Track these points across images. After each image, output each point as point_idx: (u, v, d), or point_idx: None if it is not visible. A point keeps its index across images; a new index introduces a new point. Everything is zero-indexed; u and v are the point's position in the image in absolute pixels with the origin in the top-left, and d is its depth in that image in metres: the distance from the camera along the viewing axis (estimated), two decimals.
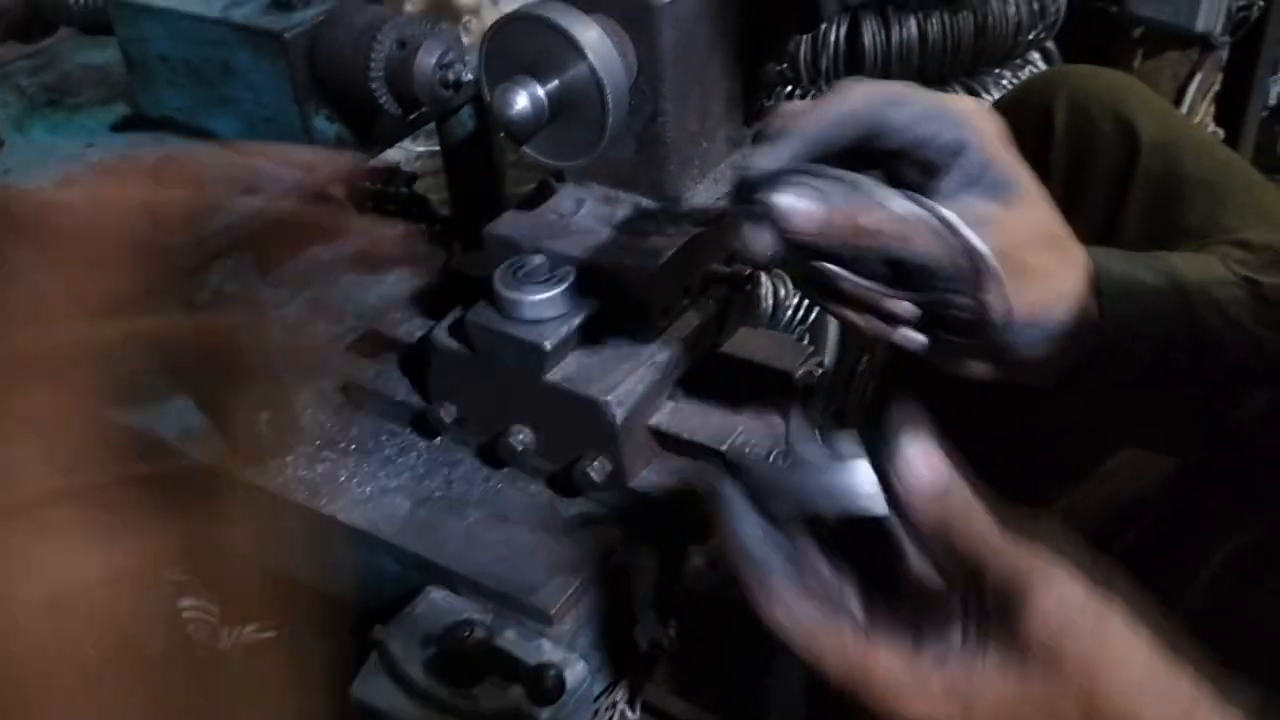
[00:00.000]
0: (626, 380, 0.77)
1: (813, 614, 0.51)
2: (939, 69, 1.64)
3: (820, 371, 0.84)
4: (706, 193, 0.83)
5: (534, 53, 0.73)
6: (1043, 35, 1.74)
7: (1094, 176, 0.94)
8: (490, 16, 1.96)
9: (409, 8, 1.76)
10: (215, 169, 0.48)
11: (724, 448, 0.77)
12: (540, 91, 0.71)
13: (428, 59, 0.77)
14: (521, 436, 0.81)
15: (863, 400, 1.44)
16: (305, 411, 0.92)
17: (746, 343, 0.86)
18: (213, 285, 0.71)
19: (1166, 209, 0.89)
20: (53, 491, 0.39)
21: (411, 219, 1.15)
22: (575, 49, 0.72)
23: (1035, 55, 1.79)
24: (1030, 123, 0.95)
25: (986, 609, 0.49)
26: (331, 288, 1.08)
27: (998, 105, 1.05)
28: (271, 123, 0.82)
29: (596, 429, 0.77)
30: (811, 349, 0.85)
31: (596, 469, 0.78)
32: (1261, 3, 1.94)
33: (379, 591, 0.85)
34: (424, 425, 0.89)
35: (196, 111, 0.86)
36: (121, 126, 0.91)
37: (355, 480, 0.86)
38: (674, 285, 0.80)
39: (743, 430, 0.79)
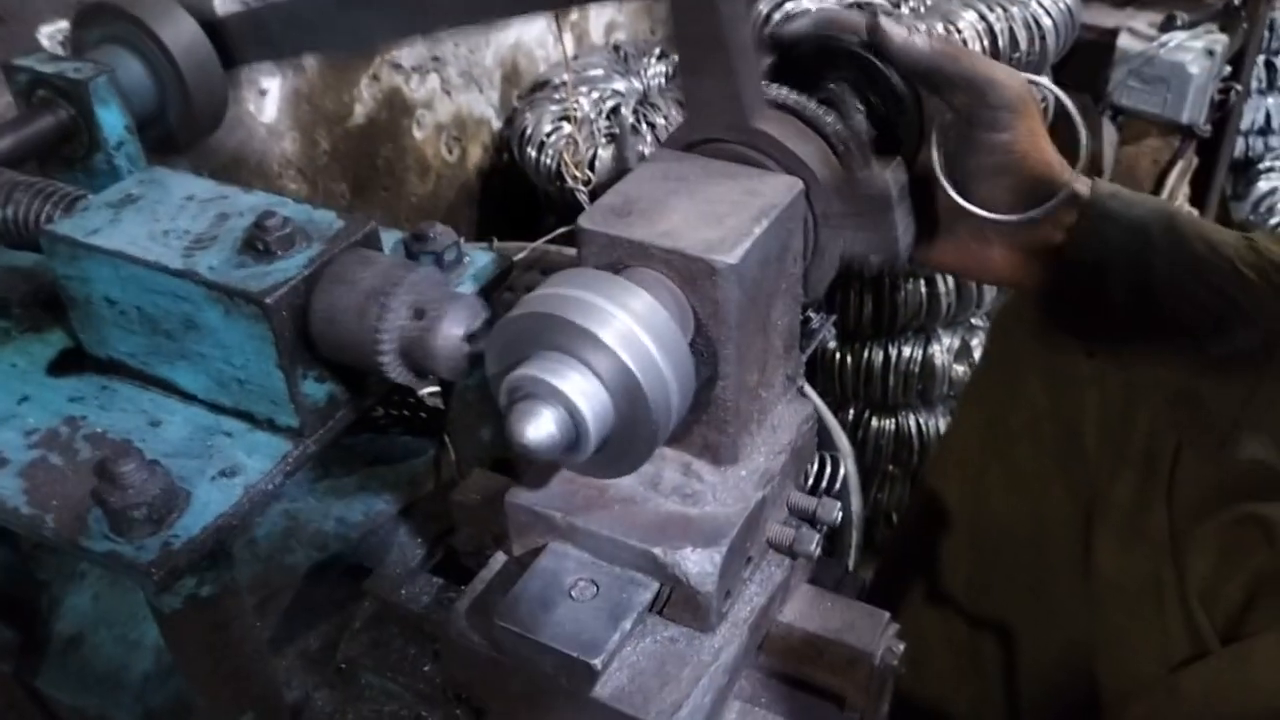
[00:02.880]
0: (691, 695, 0.65)
1: None
2: None
3: (903, 647, 0.72)
4: (766, 445, 0.72)
5: (553, 344, 0.58)
6: None
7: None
8: (444, 107, 1.82)
9: (359, 108, 1.62)
10: None
11: None
12: (571, 416, 0.57)
13: (453, 330, 0.63)
14: None
15: None
16: (291, 683, 0.78)
17: (813, 610, 0.75)
18: None
19: None
20: None
21: (394, 407, 1.02)
22: (606, 348, 0.57)
23: None
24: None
25: None
26: (306, 499, 0.95)
27: None
28: (247, 384, 0.68)
29: None
30: (889, 617, 0.74)
31: None
32: (1238, 87, 1.90)
33: None
34: (435, 705, 0.76)
35: (152, 360, 0.72)
36: (61, 365, 0.76)
37: None
38: (738, 563, 0.69)
39: None
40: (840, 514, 0.75)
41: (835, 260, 0.72)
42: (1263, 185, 2.27)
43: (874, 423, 1.68)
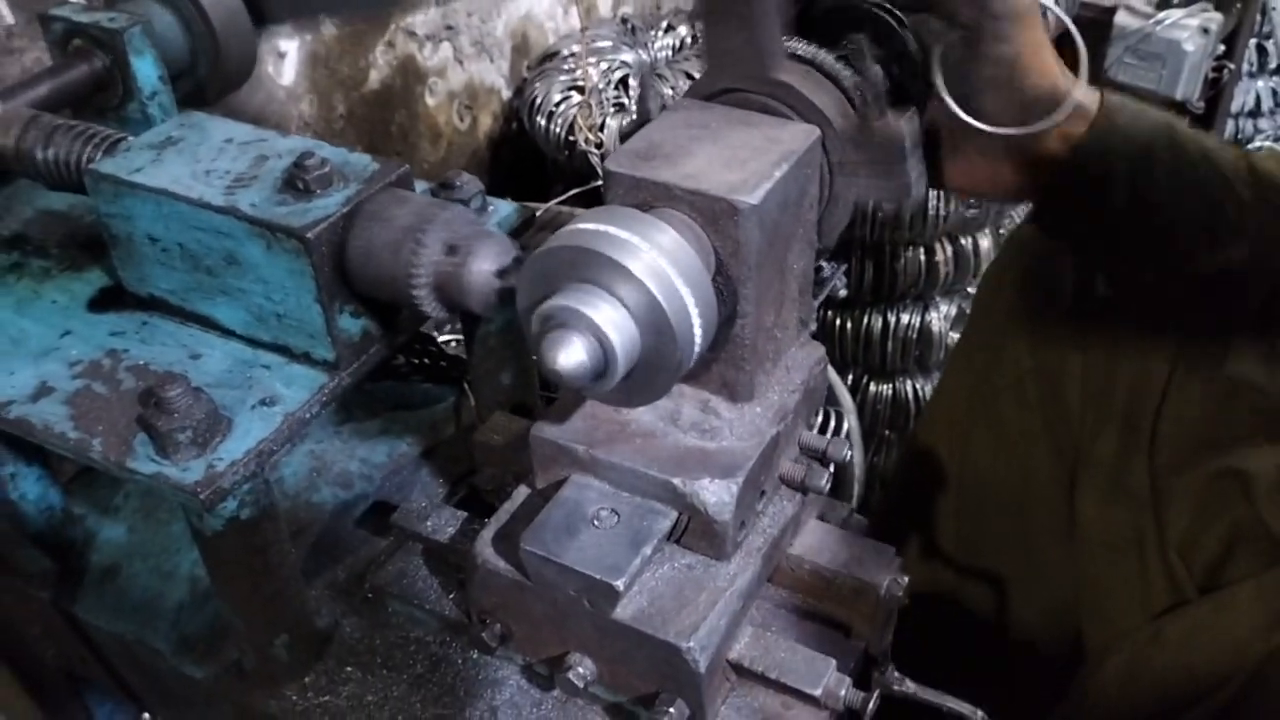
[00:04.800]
0: (708, 618, 0.69)
1: None
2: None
3: (906, 580, 0.76)
4: (780, 385, 0.75)
5: (585, 277, 0.61)
6: None
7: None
8: (456, 76, 1.85)
9: (374, 73, 1.64)
10: None
11: (818, 693, 0.69)
12: (600, 344, 0.60)
13: (484, 267, 0.66)
14: (582, 670, 0.73)
15: None
16: (321, 611, 0.82)
17: (822, 545, 0.79)
18: None
19: None
20: None
21: (415, 355, 1.04)
22: (635, 279, 0.60)
23: None
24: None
25: None
26: (331, 442, 0.98)
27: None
28: (285, 318, 0.72)
29: (675, 672, 0.69)
30: (894, 550, 0.78)
31: (674, 716, 0.69)
32: (1231, 65, 1.93)
33: None
34: (459, 632, 0.80)
35: (192, 296, 0.75)
36: (101, 303, 0.79)
37: (386, 710, 0.77)
38: (752, 496, 0.72)
39: (833, 667, 0.71)
40: (850, 453, 0.78)
41: (849, 208, 0.75)
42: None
43: (872, 388, 1.72)
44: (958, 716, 0.76)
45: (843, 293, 0.85)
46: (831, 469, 0.77)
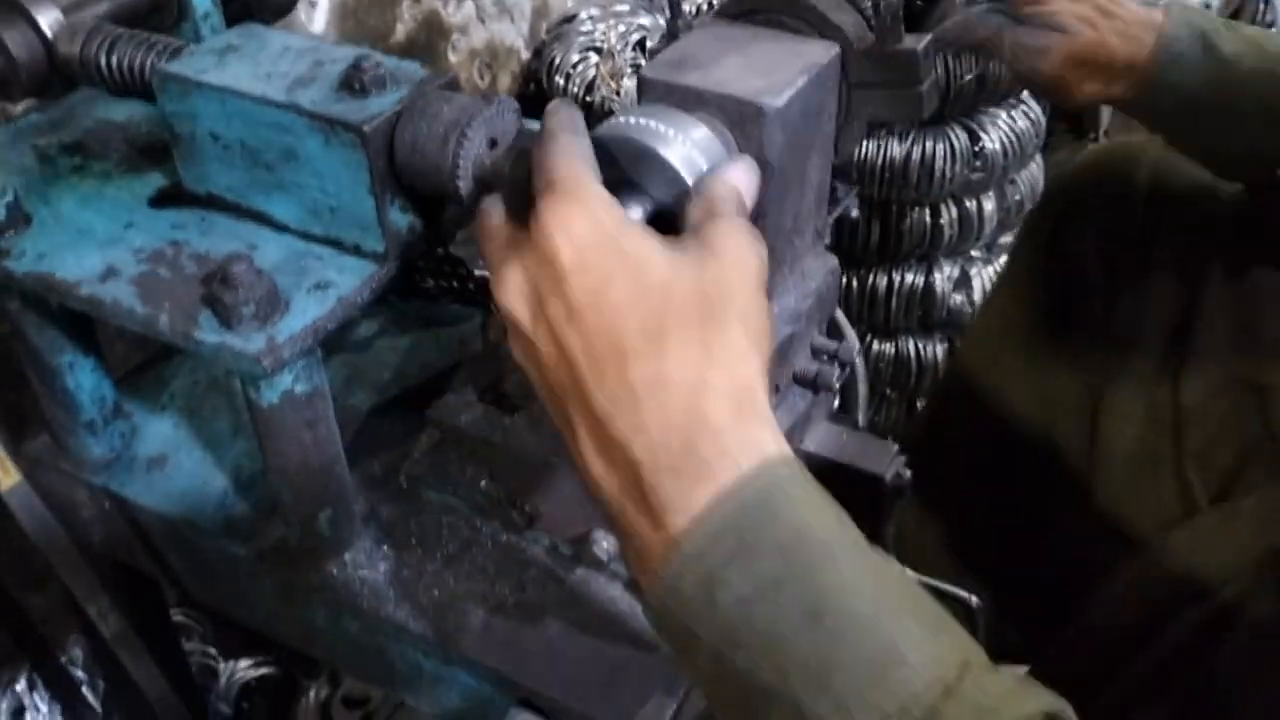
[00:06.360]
0: None
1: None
2: (940, 106, 1.64)
3: (910, 474, 0.82)
4: (796, 289, 0.81)
5: (623, 168, 0.68)
6: None
7: (1178, 226, 1.03)
8: (478, 34, 1.90)
9: (400, 27, 1.69)
10: None
11: None
12: (643, 210, 0.66)
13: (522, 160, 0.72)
14: (605, 545, 0.78)
15: None
16: (358, 495, 0.87)
17: (830, 440, 0.84)
18: None
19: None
20: None
21: (444, 278, 1.10)
22: (670, 169, 0.66)
23: (1026, 94, 1.79)
24: (1111, 189, 1.10)
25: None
26: (365, 352, 1.03)
27: (1075, 173, 1.11)
28: (339, 211, 0.77)
29: None
30: (897, 447, 0.83)
31: None
32: None
33: (448, 700, 0.82)
34: (489, 516, 0.85)
35: (249, 193, 0.80)
36: (160, 201, 0.85)
37: (421, 582, 0.82)
38: (768, 389, 0.78)
39: None
40: (859, 355, 0.84)
41: (864, 124, 0.81)
42: None
43: (875, 346, 1.77)
44: (956, 602, 0.82)
45: (855, 214, 0.90)
46: (840, 369, 0.83)
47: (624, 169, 0.66)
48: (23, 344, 0.88)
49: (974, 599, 0.81)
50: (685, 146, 0.66)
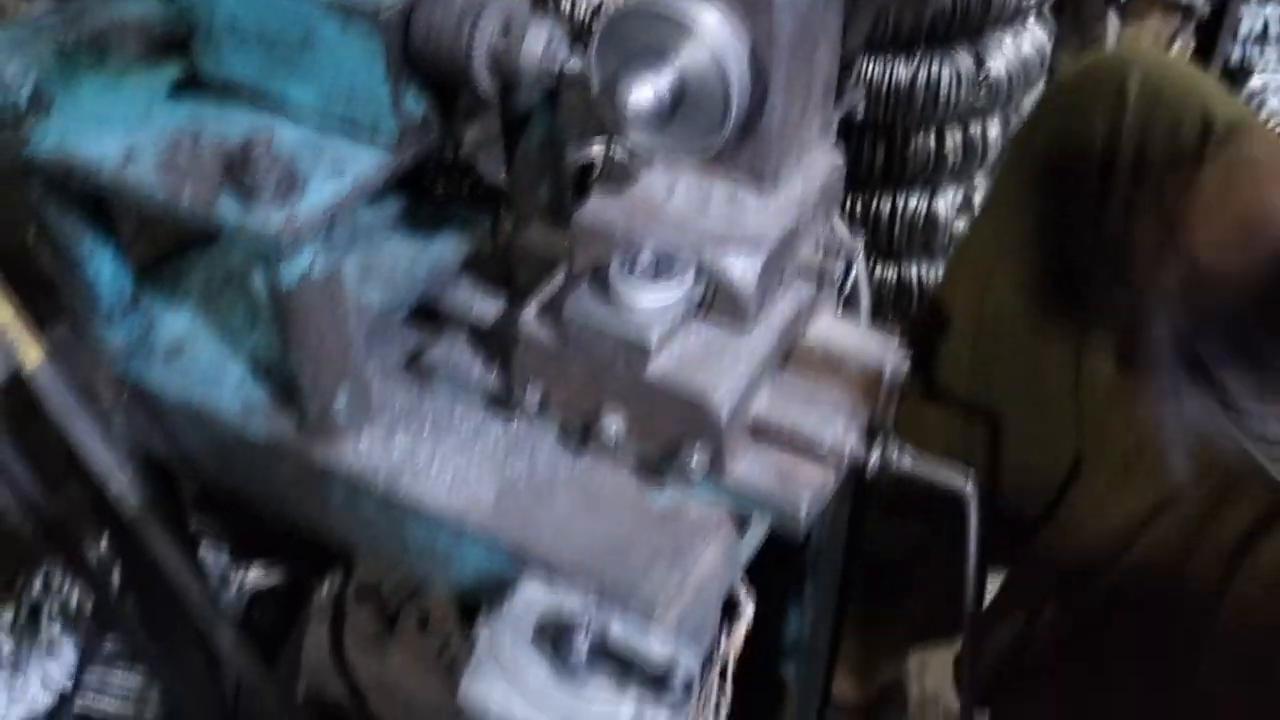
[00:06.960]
0: (730, 374, 0.77)
1: None
2: (946, 29, 1.64)
3: (908, 365, 0.84)
4: (802, 180, 0.82)
5: (648, 44, 0.71)
6: (1043, 2, 1.75)
7: (1167, 149, 1.01)
8: None
9: None
10: None
11: (827, 440, 0.78)
12: (664, 83, 0.69)
13: (534, 47, 0.73)
14: (614, 428, 0.81)
15: None
16: (373, 385, 0.90)
17: (832, 333, 0.86)
18: None
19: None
20: None
21: (453, 184, 1.12)
22: (695, 38, 0.70)
23: (1032, 20, 1.79)
24: (1103, 99, 1.07)
25: None
26: (378, 251, 1.05)
27: (1066, 81, 1.11)
28: (354, 97, 0.78)
29: (700, 423, 0.77)
30: (898, 340, 0.85)
31: (697, 462, 0.77)
32: None
33: (461, 575, 0.85)
34: (500, 405, 0.88)
35: (267, 79, 0.81)
36: (179, 90, 0.86)
37: (435, 463, 0.85)
38: (773, 275, 0.80)
39: (842, 421, 0.79)
40: (862, 252, 0.86)
41: (870, 17, 0.82)
42: (1255, 82, 2.35)
43: (878, 270, 1.79)
44: (948, 490, 0.85)
45: (860, 116, 0.92)
46: (843, 260, 0.85)
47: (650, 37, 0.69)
48: (43, 235, 0.90)
49: (968, 483, 0.83)
50: (707, 22, 0.69)
